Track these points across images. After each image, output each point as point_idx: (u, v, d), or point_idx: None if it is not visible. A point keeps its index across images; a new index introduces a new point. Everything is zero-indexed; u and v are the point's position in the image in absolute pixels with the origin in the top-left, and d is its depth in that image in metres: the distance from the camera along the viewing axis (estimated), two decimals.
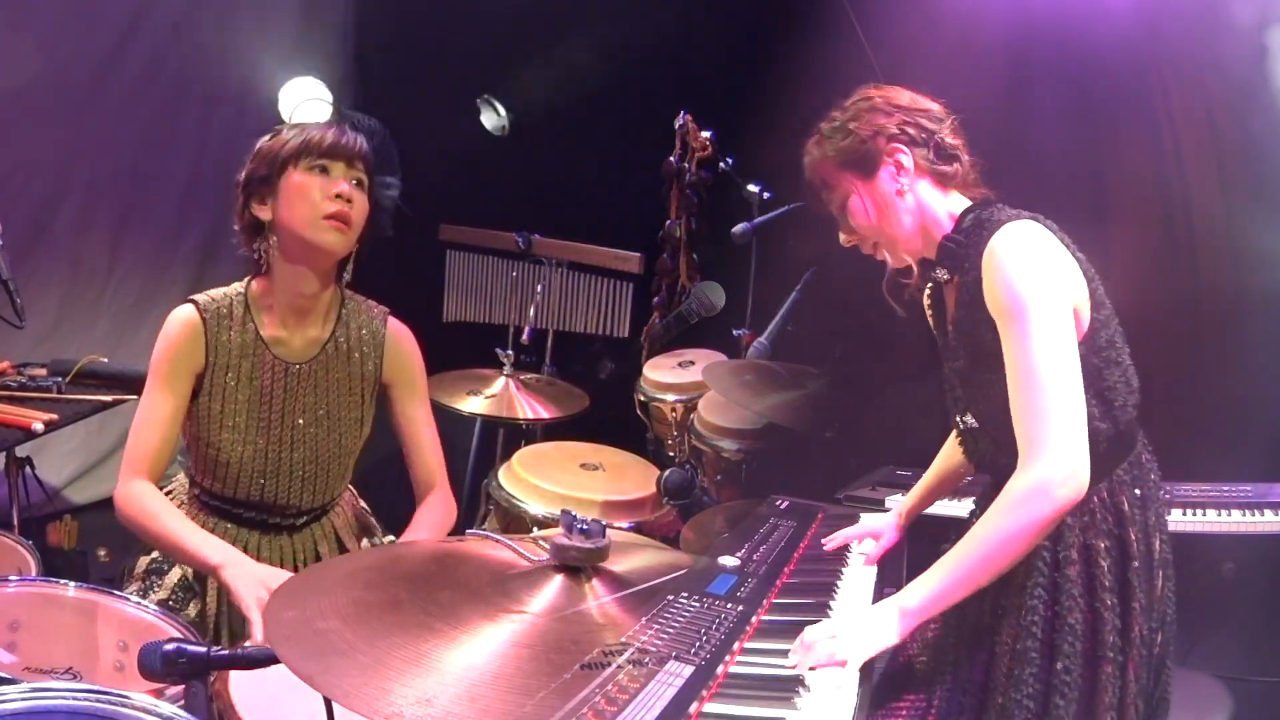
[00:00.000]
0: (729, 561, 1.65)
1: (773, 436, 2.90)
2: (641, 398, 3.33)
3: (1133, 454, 1.57)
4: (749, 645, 1.35)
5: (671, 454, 3.20)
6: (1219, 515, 2.36)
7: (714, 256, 3.69)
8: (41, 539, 3.15)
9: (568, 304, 4.33)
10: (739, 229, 3.08)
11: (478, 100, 4.56)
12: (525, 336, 3.61)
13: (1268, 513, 2.35)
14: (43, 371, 2.87)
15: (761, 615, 1.46)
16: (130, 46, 3.85)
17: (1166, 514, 1.62)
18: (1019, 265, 1.43)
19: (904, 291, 1.68)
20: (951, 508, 2.22)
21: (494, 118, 4.58)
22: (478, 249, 4.63)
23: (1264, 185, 2.86)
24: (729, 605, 1.43)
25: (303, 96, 4.13)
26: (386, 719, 0.94)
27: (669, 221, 3.69)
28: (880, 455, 2.87)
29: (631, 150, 3.88)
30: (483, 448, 3.62)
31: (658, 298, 3.79)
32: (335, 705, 1.17)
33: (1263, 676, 2.66)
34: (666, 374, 3.32)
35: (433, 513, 2.05)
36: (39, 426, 2.50)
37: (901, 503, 1.95)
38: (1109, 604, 1.47)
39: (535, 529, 2.55)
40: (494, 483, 2.75)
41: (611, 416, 3.58)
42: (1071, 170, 3.07)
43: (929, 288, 1.72)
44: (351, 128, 1.90)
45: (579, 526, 1.29)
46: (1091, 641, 1.47)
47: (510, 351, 3.35)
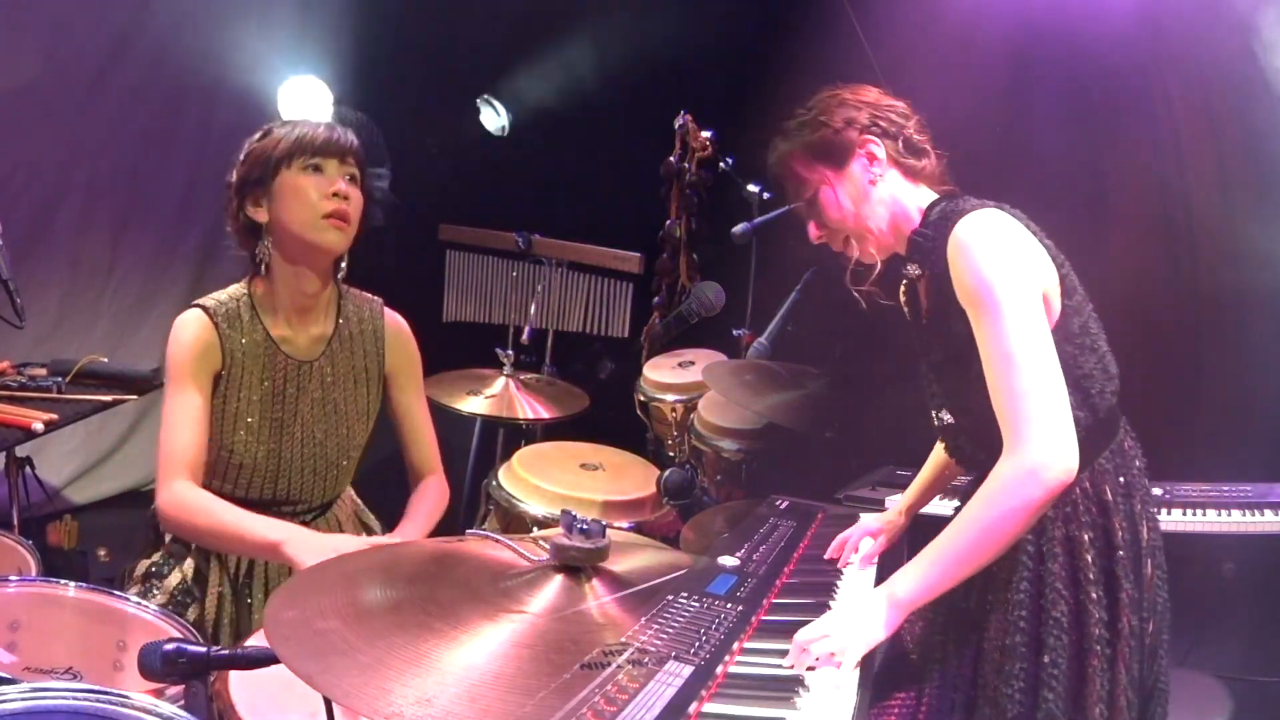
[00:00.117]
0: (729, 561, 1.65)
1: (773, 436, 2.89)
2: (641, 398, 3.33)
3: (1114, 442, 1.55)
4: (749, 645, 1.35)
5: (671, 454, 3.20)
6: (1219, 515, 2.36)
7: (714, 256, 3.68)
8: (41, 539, 3.15)
9: (568, 304, 4.33)
10: (739, 229, 3.07)
11: (478, 100, 4.56)
12: (525, 336, 3.61)
13: (1268, 513, 2.35)
14: (43, 371, 2.87)
15: (761, 615, 1.46)
16: (130, 46, 3.85)
17: (1153, 500, 1.60)
18: (984, 253, 1.43)
19: (866, 283, 1.67)
20: (951, 507, 2.23)
21: (494, 118, 4.58)
22: (478, 249, 4.63)
23: (1265, 184, 2.86)
24: (729, 605, 1.43)
25: (302, 95, 4.13)
26: (386, 719, 0.94)
27: (669, 221, 3.69)
28: (880, 455, 2.87)
29: (631, 150, 3.88)
30: (483, 448, 3.62)
31: (658, 298, 3.79)
32: (335, 705, 1.17)
33: (1263, 676, 2.66)
34: (666, 374, 3.32)
35: (427, 500, 2.08)
36: (39, 426, 2.50)
37: (899, 500, 1.95)
38: (1094, 597, 1.46)
39: (535, 529, 2.54)
40: (494, 483, 2.75)
41: (611, 416, 3.58)
42: (1071, 170, 3.07)
43: (904, 284, 1.71)
44: (340, 122, 1.90)
45: (579, 526, 1.29)
46: (1078, 634, 1.46)
47: (510, 351, 3.35)
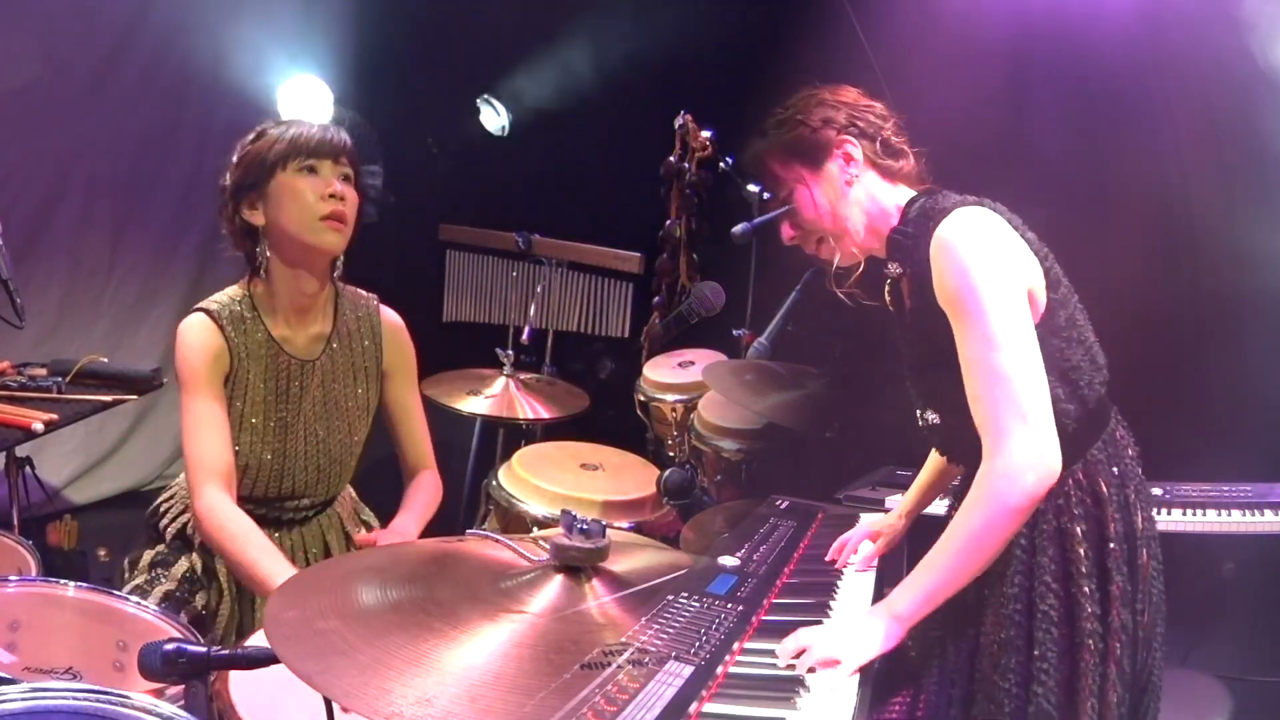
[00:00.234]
0: (729, 561, 1.65)
1: (773, 436, 2.89)
2: (641, 398, 3.33)
3: (1105, 431, 1.55)
4: (749, 645, 1.35)
5: (671, 454, 3.20)
6: (1219, 515, 2.36)
7: (714, 256, 3.68)
8: (41, 539, 3.15)
9: (568, 304, 4.33)
10: (739, 229, 3.06)
11: (478, 100, 4.56)
12: (525, 336, 3.61)
13: (1268, 513, 2.35)
14: (43, 371, 2.87)
15: (761, 615, 1.46)
16: (130, 46, 3.85)
17: (1147, 489, 1.59)
18: (967, 252, 1.42)
19: (848, 284, 1.66)
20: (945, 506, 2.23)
21: (494, 118, 4.58)
22: (478, 249, 4.63)
23: (1265, 184, 2.86)
24: (729, 605, 1.43)
25: (302, 95, 4.13)
26: (386, 719, 0.94)
27: (669, 221, 3.69)
28: (880, 455, 2.87)
29: (631, 150, 3.88)
30: (483, 448, 3.62)
31: (658, 298, 3.79)
32: (335, 705, 1.17)
33: (1263, 676, 2.66)
34: (666, 374, 3.32)
35: (422, 492, 2.09)
36: (39, 426, 2.50)
37: (901, 503, 1.95)
38: (1086, 591, 1.45)
39: (535, 529, 2.54)
40: (494, 483, 2.74)
41: (611, 416, 3.59)
42: (1071, 170, 3.07)
43: (888, 284, 1.69)
44: (333, 120, 1.90)
45: (579, 526, 1.29)
46: (1069, 628, 1.45)
47: (510, 351, 3.34)
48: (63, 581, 1.69)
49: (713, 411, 3.03)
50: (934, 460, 1.92)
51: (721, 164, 3.45)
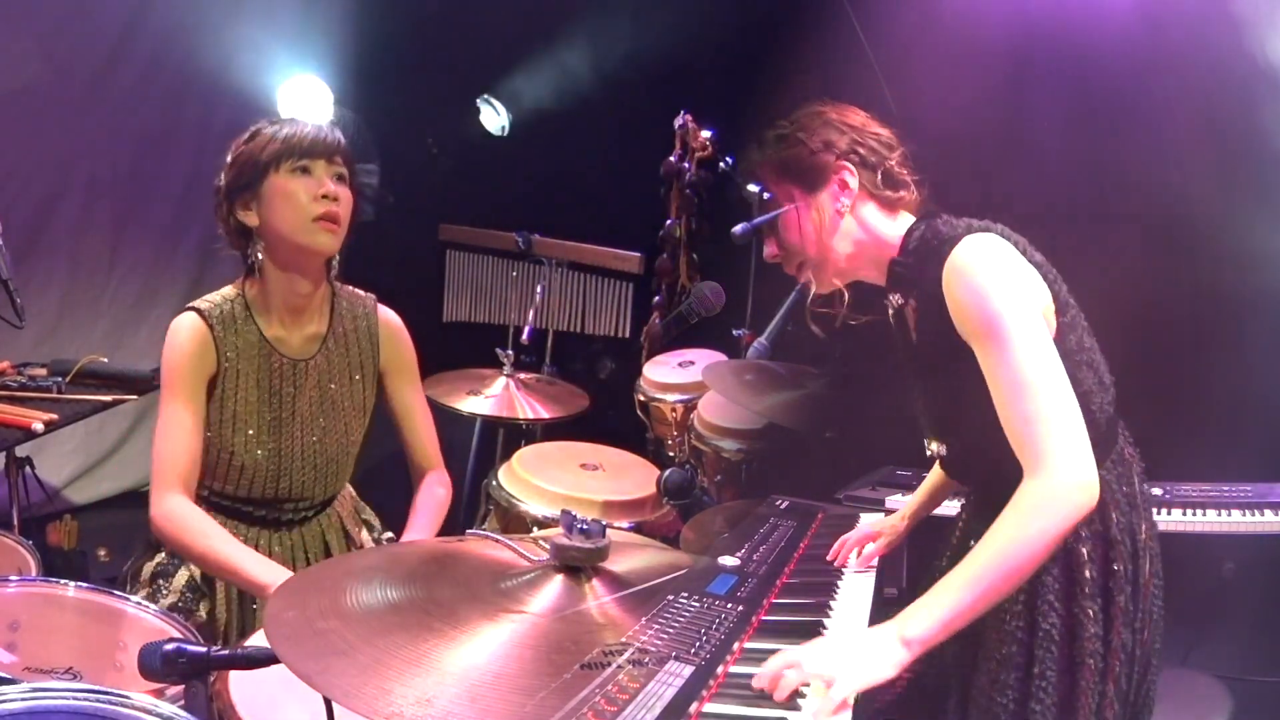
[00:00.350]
0: (729, 561, 1.65)
1: (773, 436, 2.89)
2: (641, 398, 3.33)
3: (1114, 451, 1.54)
4: (749, 645, 1.35)
5: (671, 454, 3.20)
6: (1219, 515, 2.36)
7: (714, 256, 3.68)
8: (41, 539, 3.15)
9: (568, 304, 4.33)
10: (739, 229, 3.06)
11: (478, 100, 4.56)
12: (525, 336, 3.60)
13: (1268, 513, 2.35)
14: (43, 371, 2.87)
15: (761, 615, 1.46)
16: (130, 46, 3.85)
17: (1152, 505, 1.58)
18: (986, 278, 1.38)
19: (831, 315, 1.64)
20: (952, 507, 2.22)
21: (494, 118, 4.58)
22: (478, 249, 4.63)
23: (1264, 184, 2.86)
24: (729, 605, 1.43)
25: (302, 95, 4.13)
26: (386, 719, 0.94)
27: (669, 221, 3.69)
28: (880, 455, 2.87)
29: (631, 150, 3.88)
30: (483, 448, 3.62)
31: (658, 298, 3.79)
32: (335, 705, 1.17)
33: (1263, 676, 2.66)
34: (666, 374, 3.32)
35: (431, 499, 2.09)
36: (39, 426, 2.50)
37: (905, 505, 1.94)
38: (1090, 612, 1.44)
39: (535, 529, 2.54)
40: (494, 483, 2.74)
41: (611, 416, 3.58)
42: (1071, 170, 3.07)
43: (890, 314, 1.67)
44: (330, 121, 1.89)
45: (579, 526, 1.29)
46: (1070, 647, 1.44)
47: (510, 351, 3.34)
48: (63, 581, 1.68)
49: (713, 411, 3.03)
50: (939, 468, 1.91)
51: (721, 164, 3.45)
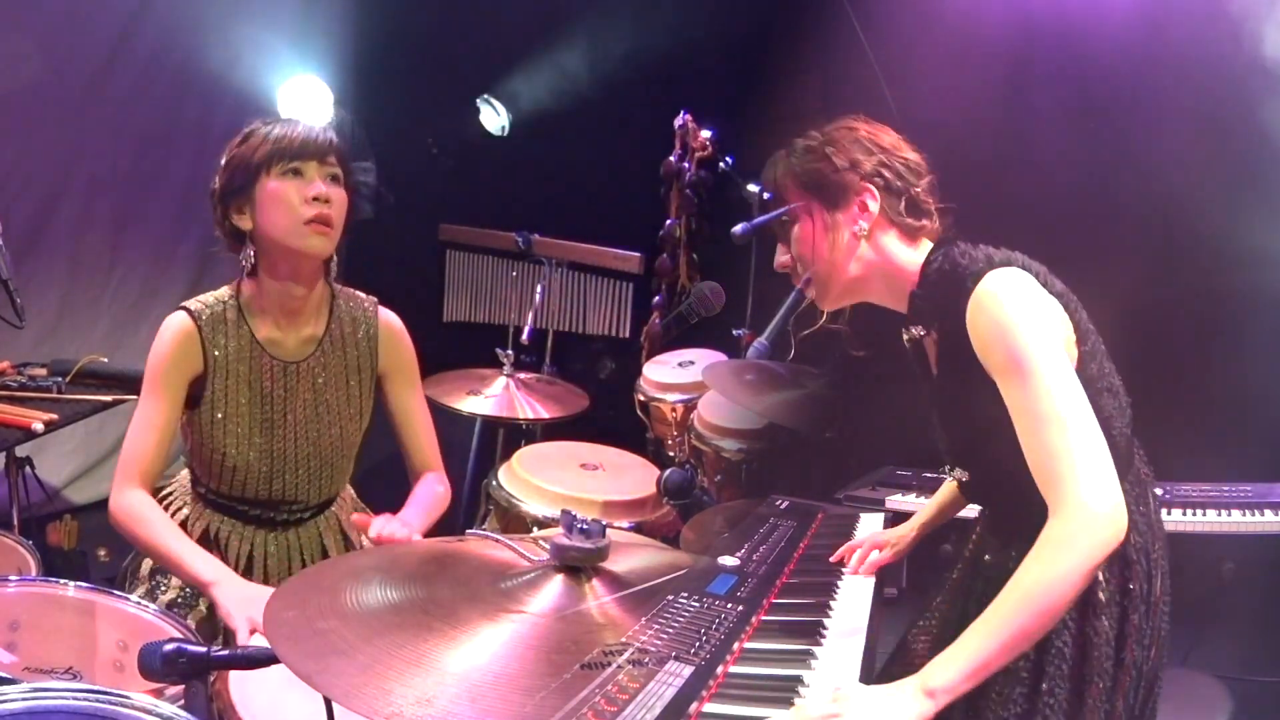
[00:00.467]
0: (729, 561, 1.65)
1: (773, 436, 2.90)
2: (641, 398, 3.33)
3: (1131, 471, 1.54)
4: (749, 645, 1.35)
5: (671, 454, 3.20)
6: (1219, 515, 2.36)
7: (714, 256, 3.69)
8: (41, 539, 3.14)
9: (568, 304, 4.33)
10: (739, 229, 3.06)
11: (478, 100, 4.56)
12: (525, 336, 3.60)
13: (1268, 513, 2.36)
14: (43, 371, 2.87)
15: (761, 615, 1.46)
16: (130, 46, 3.85)
17: (1162, 518, 1.58)
18: (1011, 318, 1.37)
19: (839, 322, 1.64)
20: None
21: (494, 118, 4.58)
22: (478, 249, 4.63)
23: (1265, 185, 2.86)
24: (729, 605, 1.43)
25: (302, 95, 4.13)
26: (386, 719, 0.94)
27: (669, 222, 3.70)
28: (880, 455, 2.87)
29: (631, 150, 3.88)
30: (483, 448, 3.62)
31: (658, 298, 3.79)
32: (335, 705, 1.17)
33: (1263, 676, 2.66)
34: (666, 374, 3.32)
35: (430, 489, 2.06)
36: (39, 426, 2.50)
37: (914, 518, 1.92)
38: (1102, 631, 1.44)
39: (535, 529, 2.54)
40: (494, 483, 2.74)
41: (611, 416, 3.58)
42: (1071, 170, 3.08)
43: (908, 344, 1.66)
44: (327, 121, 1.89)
45: (579, 526, 1.29)
46: (1080, 665, 1.44)
47: (510, 351, 3.34)
48: (63, 581, 1.68)
49: (713, 411, 3.03)
50: (951, 484, 1.90)
51: (721, 164, 3.45)
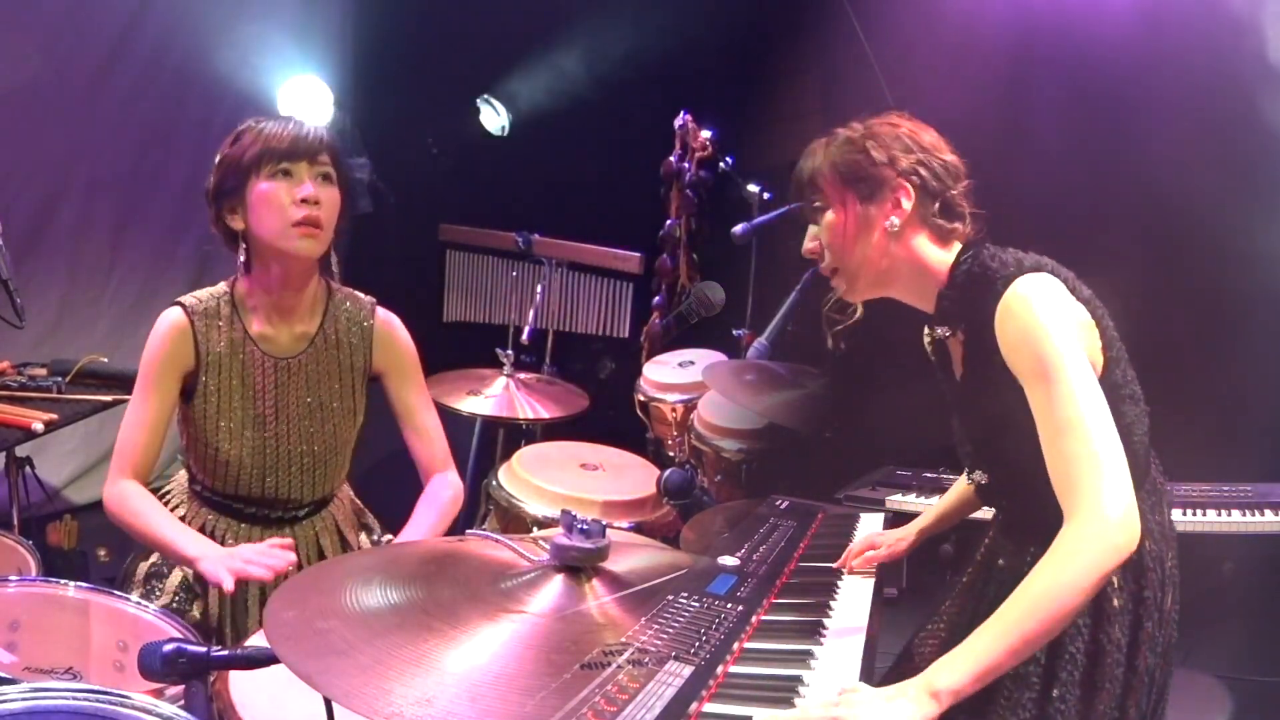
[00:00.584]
0: (729, 561, 1.65)
1: (773, 436, 2.90)
2: (641, 398, 3.33)
3: (1148, 480, 1.54)
4: (749, 645, 1.35)
5: (671, 454, 3.20)
6: (1219, 515, 2.36)
7: (714, 256, 3.69)
8: (41, 539, 3.14)
9: (568, 304, 4.33)
10: (739, 229, 3.07)
11: (478, 100, 4.56)
12: (525, 336, 3.61)
13: (1268, 513, 2.36)
14: (43, 371, 2.87)
15: (761, 615, 1.46)
16: (130, 46, 3.85)
17: (1175, 532, 1.59)
18: (1041, 324, 1.38)
19: (847, 317, 1.64)
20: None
21: (494, 118, 4.58)
22: (478, 249, 4.63)
23: (1265, 184, 2.86)
24: (729, 605, 1.43)
25: (302, 95, 4.13)
26: (386, 719, 0.94)
27: (669, 222, 3.70)
28: (880, 455, 2.87)
29: (631, 150, 3.88)
30: (483, 448, 3.62)
31: (658, 298, 3.79)
32: (335, 705, 1.17)
33: (1263, 676, 2.66)
34: (666, 374, 3.32)
35: (434, 501, 2.04)
36: (39, 426, 2.50)
37: (913, 523, 1.92)
38: (1115, 638, 1.45)
39: (535, 529, 2.54)
40: (494, 483, 2.74)
41: (611, 416, 3.58)
42: (1072, 170, 3.07)
43: (929, 340, 1.68)
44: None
45: (579, 526, 1.29)
46: (1091, 671, 1.44)
47: (510, 351, 3.34)
48: (63, 581, 1.69)
49: (713, 412, 3.04)
50: (958, 490, 1.90)
51: (721, 164, 3.46)
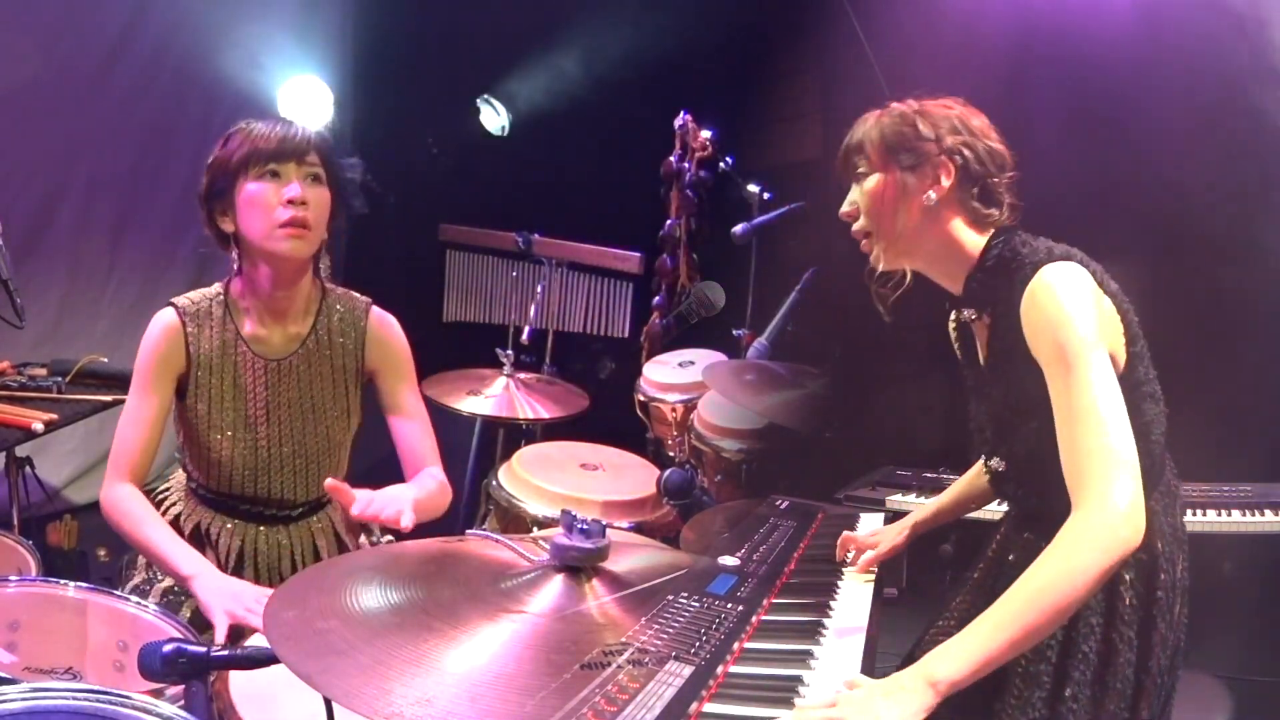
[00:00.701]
0: (729, 561, 1.65)
1: (773, 436, 2.90)
2: (641, 398, 3.33)
3: (1162, 482, 1.54)
4: (749, 645, 1.35)
5: (671, 454, 3.20)
6: (1219, 515, 2.36)
7: (714, 256, 3.69)
8: (41, 539, 3.15)
9: (568, 304, 4.33)
10: (739, 229, 3.08)
11: (478, 100, 4.56)
12: (525, 336, 3.61)
13: (1268, 513, 2.36)
14: (43, 371, 2.87)
15: (761, 615, 1.46)
16: (130, 46, 3.85)
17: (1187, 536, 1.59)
18: (1066, 312, 1.38)
19: (888, 298, 1.63)
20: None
21: (494, 118, 4.58)
22: (478, 249, 4.63)
23: (1265, 184, 2.86)
24: (729, 605, 1.43)
25: (302, 95, 4.13)
26: (386, 719, 0.94)
27: (669, 222, 3.70)
28: (880, 455, 2.87)
29: (631, 150, 3.88)
30: (483, 448, 3.62)
31: (658, 298, 3.79)
32: (335, 705, 1.17)
33: (1263, 676, 2.66)
34: (666, 374, 3.32)
35: (427, 474, 2.00)
36: (39, 426, 2.50)
37: (906, 519, 1.92)
38: (1127, 638, 1.45)
39: (535, 529, 2.54)
40: (494, 483, 2.75)
41: (611, 416, 3.59)
42: (1071, 170, 3.07)
43: (953, 324, 1.68)
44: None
45: (579, 526, 1.28)
46: (1103, 671, 1.45)
47: (510, 351, 3.34)
48: (63, 581, 1.68)
49: (713, 412, 3.04)
50: (961, 486, 1.90)
51: (721, 164, 3.46)
